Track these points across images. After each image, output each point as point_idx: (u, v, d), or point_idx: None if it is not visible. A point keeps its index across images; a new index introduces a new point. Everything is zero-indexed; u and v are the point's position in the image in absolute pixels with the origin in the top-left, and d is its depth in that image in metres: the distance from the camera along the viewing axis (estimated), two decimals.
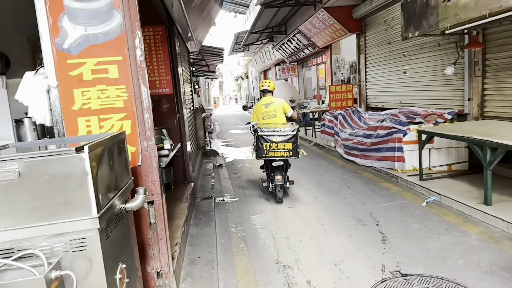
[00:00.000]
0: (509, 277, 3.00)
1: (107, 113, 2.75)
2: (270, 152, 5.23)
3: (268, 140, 5.19)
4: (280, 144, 5.18)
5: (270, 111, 5.75)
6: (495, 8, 3.82)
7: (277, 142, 5.18)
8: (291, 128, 5.25)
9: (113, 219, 2.12)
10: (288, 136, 5.17)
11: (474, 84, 5.84)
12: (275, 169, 5.45)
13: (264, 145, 5.20)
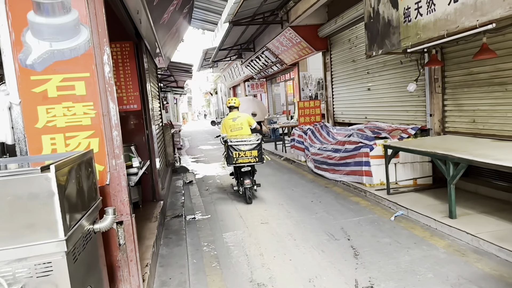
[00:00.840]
0: None
1: (74, 130, 2.66)
2: (240, 159, 6.07)
3: (237, 149, 6.04)
4: (248, 152, 6.06)
5: (237, 124, 6.58)
6: (452, 29, 4.06)
7: (245, 150, 6.05)
8: (256, 138, 6.15)
9: (81, 241, 2.02)
10: (254, 144, 6.08)
11: (435, 100, 6.12)
12: (244, 174, 6.22)
13: (234, 153, 6.03)
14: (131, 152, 4.62)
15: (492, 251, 3.69)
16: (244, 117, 6.68)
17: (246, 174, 6.21)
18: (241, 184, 6.27)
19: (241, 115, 6.70)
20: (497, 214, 4.48)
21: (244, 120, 6.61)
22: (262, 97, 19.41)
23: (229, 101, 6.89)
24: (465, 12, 3.83)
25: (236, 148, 6.03)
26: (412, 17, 4.68)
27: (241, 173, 6.26)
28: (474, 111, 5.40)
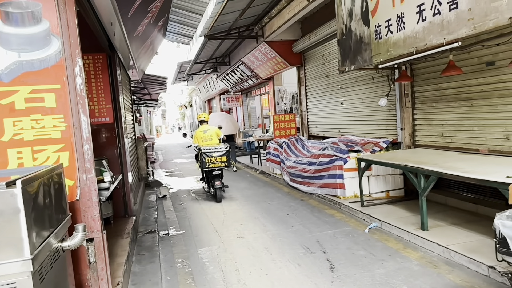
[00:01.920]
0: None
1: (42, 144, 2.56)
2: (211, 164, 7.18)
3: (209, 155, 7.17)
4: (218, 157, 7.20)
5: (207, 136, 7.77)
6: (421, 46, 4.22)
7: (215, 156, 7.20)
8: (224, 146, 7.40)
9: (48, 260, 1.92)
10: (223, 151, 7.25)
11: (405, 114, 6.32)
12: (215, 177, 7.34)
13: (206, 159, 7.16)
14: (102, 166, 4.49)
15: (463, 262, 3.78)
16: (213, 129, 7.90)
17: (216, 176, 7.33)
18: (212, 186, 7.38)
19: (211, 128, 7.93)
20: (466, 226, 4.62)
21: (213, 132, 7.82)
22: (238, 110, 19.46)
23: (199, 116, 8.27)
24: (432, 30, 3.99)
25: (208, 154, 7.16)
26: (383, 34, 4.84)
27: (212, 176, 7.37)
28: (443, 125, 5.60)
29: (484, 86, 4.84)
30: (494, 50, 4.60)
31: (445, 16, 3.80)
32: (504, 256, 2.62)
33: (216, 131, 7.88)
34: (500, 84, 4.63)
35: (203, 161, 7.16)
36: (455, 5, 3.66)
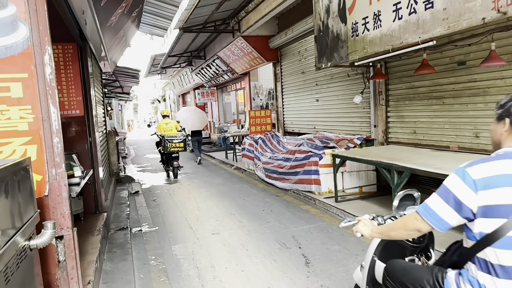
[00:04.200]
0: None
1: (8, 136, 2.41)
2: (171, 148, 9.36)
3: (170, 141, 9.37)
4: (177, 143, 9.41)
5: (169, 127, 9.96)
6: (397, 44, 4.28)
7: (175, 142, 9.40)
8: (182, 135, 9.67)
9: (14, 260, 1.81)
10: (181, 139, 9.48)
11: (379, 112, 6.43)
12: (174, 158, 9.48)
13: (168, 144, 9.34)
14: (72, 160, 4.30)
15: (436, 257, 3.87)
16: (173, 122, 10.25)
17: (175, 158, 9.48)
18: (171, 165, 9.55)
19: (171, 121, 10.29)
20: None
21: (173, 125, 10.09)
22: (213, 105, 19.29)
23: (162, 112, 10.75)
24: (408, 29, 4.06)
25: (170, 141, 9.35)
26: (359, 32, 4.89)
27: (171, 158, 9.49)
28: (415, 123, 5.74)
29: (455, 85, 4.99)
30: (466, 50, 4.74)
31: (421, 15, 3.87)
32: None
33: (175, 124, 10.19)
34: (471, 83, 4.78)
35: (166, 146, 9.32)
36: (431, 4, 3.73)
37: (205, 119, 12.63)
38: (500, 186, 1.46)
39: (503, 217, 1.44)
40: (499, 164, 1.51)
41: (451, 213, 1.53)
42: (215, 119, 18.64)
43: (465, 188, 1.50)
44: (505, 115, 1.62)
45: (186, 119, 11.97)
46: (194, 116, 12.32)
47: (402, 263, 1.95)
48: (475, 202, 1.47)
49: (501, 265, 1.46)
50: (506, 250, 1.44)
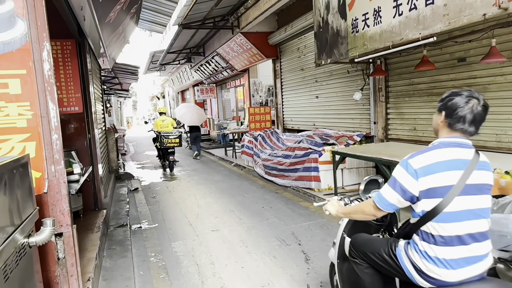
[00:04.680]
0: None
1: (7, 133, 2.39)
2: (168, 144, 9.97)
3: (167, 137, 9.98)
4: (173, 139, 10.01)
5: (165, 124, 10.56)
6: (397, 41, 4.26)
7: (171, 138, 10.00)
8: (177, 131, 10.29)
9: (13, 257, 1.80)
10: (176, 135, 10.08)
11: (378, 108, 6.42)
12: (169, 153, 10.04)
13: (164, 140, 9.95)
14: (71, 157, 4.29)
15: None
16: (169, 120, 10.85)
17: (171, 153, 10.06)
18: (167, 160, 10.07)
19: (167, 119, 10.86)
20: None
21: (169, 122, 10.73)
22: (212, 102, 19.25)
23: (159, 109, 11.58)
24: (409, 25, 4.04)
25: (166, 137, 9.97)
26: (359, 28, 4.86)
27: (168, 153, 10.06)
28: (415, 120, 5.73)
29: (455, 81, 4.98)
30: (466, 46, 4.73)
31: (421, 11, 3.85)
32: None
33: (171, 121, 10.82)
34: (471, 80, 4.76)
35: (162, 141, 9.96)
36: (431, 0, 3.71)
37: (203, 116, 12.86)
38: (436, 172, 1.77)
39: (439, 197, 1.76)
40: (435, 153, 1.81)
41: (398, 198, 1.84)
42: (215, 116, 18.61)
43: (408, 177, 1.80)
44: (442, 108, 1.90)
45: (184, 114, 12.36)
46: (193, 112, 12.55)
47: (365, 236, 2.27)
48: (417, 187, 1.79)
49: (440, 235, 1.78)
50: (442, 223, 1.77)
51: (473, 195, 1.79)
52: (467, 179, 1.77)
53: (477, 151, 1.86)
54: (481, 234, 1.80)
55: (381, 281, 2.15)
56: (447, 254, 1.77)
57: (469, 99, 1.82)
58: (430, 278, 1.81)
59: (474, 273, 1.79)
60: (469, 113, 1.80)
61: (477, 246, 1.79)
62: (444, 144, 1.86)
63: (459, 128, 1.84)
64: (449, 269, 1.77)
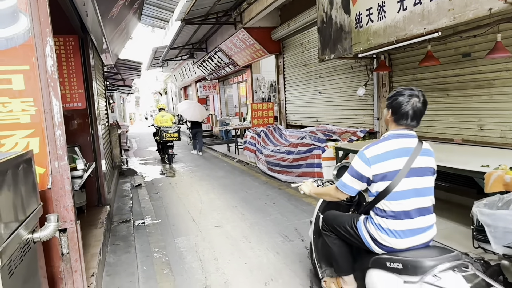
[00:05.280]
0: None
1: (10, 129, 2.39)
2: (167, 138, 10.55)
3: (166, 132, 10.54)
4: (172, 133, 10.58)
5: (164, 120, 11.30)
6: (401, 36, 4.23)
7: (170, 133, 10.57)
8: (176, 127, 10.94)
9: (17, 253, 1.80)
10: (175, 130, 10.68)
11: (382, 104, 6.39)
12: (169, 147, 10.77)
13: (164, 134, 10.50)
14: (75, 153, 4.30)
15: None
16: (168, 115, 11.60)
17: (170, 146, 10.78)
18: (166, 153, 10.89)
19: (166, 114, 11.63)
20: (439, 213, 4.69)
21: (168, 118, 11.43)
22: (215, 98, 19.22)
23: (159, 105, 12.34)
24: (413, 20, 4.01)
25: (165, 131, 10.54)
26: (363, 23, 4.83)
27: (167, 146, 10.78)
28: None
29: (460, 77, 4.94)
30: (471, 41, 4.69)
31: (426, 6, 3.81)
32: (480, 243, 2.68)
33: (170, 117, 11.59)
34: (475, 75, 4.73)
35: (162, 136, 10.54)
36: None
37: (204, 112, 13.03)
38: (386, 160, 2.15)
39: (389, 179, 2.14)
40: (384, 144, 2.20)
41: (357, 183, 2.25)
42: (217, 112, 18.59)
43: (363, 164, 2.18)
44: (389, 106, 2.26)
45: (187, 109, 12.55)
46: (195, 107, 12.77)
47: (334, 213, 2.69)
48: (370, 172, 2.17)
49: (391, 210, 2.16)
50: (392, 201, 2.15)
51: (417, 176, 2.17)
52: (412, 164, 2.14)
53: (420, 140, 2.23)
54: (425, 209, 2.20)
55: (346, 250, 2.58)
56: (396, 226, 2.14)
57: (410, 98, 2.15)
58: (383, 245, 2.20)
59: (419, 242, 2.17)
60: (410, 110, 2.15)
61: (422, 219, 2.18)
62: (392, 136, 2.23)
63: (403, 123, 2.20)
64: (397, 238, 2.14)
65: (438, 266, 1.91)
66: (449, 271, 1.94)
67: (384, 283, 2.12)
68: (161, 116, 11.34)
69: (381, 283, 2.14)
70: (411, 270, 2.00)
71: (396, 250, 2.17)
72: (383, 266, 2.15)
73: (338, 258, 2.62)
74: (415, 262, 1.99)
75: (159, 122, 11.17)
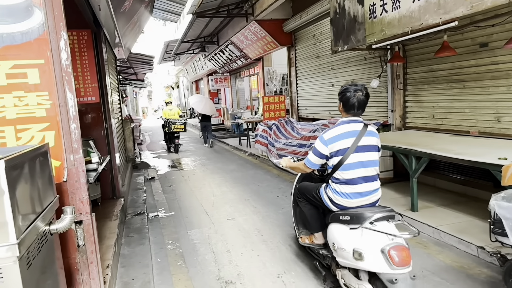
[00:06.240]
0: (439, 281, 3.19)
1: (26, 122, 2.43)
2: (174, 129, 11.86)
3: (174, 124, 11.83)
4: (179, 125, 11.89)
5: (172, 113, 12.29)
6: (416, 26, 4.14)
7: (177, 124, 11.86)
8: (183, 119, 12.19)
9: (35, 244, 1.84)
10: (182, 122, 11.96)
11: (396, 96, 6.29)
12: (175, 137, 12.01)
13: (172, 126, 11.82)
14: (89, 146, 4.35)
15: (452, 243, 3.82)
16: (175, 109, 12.74)
17: (177, 137, 12.01)
18: (173, 143, 12.07)
19: (174, 108, 12.79)
20: (455, 207, 4.67)
21: (176, 111, 12.48)
22: (226, 92, 19.22)
23: (166, 100, 13.86)
24: (429, 9, 3.91)
25: (173, 123, 11.84)
26: (377, 14, 4.74)
27: (174, 137, 12.01)
28: (434, 107, 5.60)
29: (477, 67, 4.83)
30: (489, 31, 4.56)
31: None
32: (498, 236, 2.64)
33: (178, 110, 12.66)
34: (493, 66, 4.61)
35: (170, 127, 11.85)
36: None
37: (213, 108, 13.78)
38: (338, 140, 2.77)
39: (341, 155, 2.77)
40: (337, 128, 2.82)
41: (318, 159, 2.90)
42: (228, 105, 18.59)
43: (322, 145, 2.82)
44: (340, 100, 2.89)
45: (198, 102, 13.39)
46: (206, 102, 13.41)
47: (306, 184, 3.39)
48: (327, 151, 2.81)
49: (343, 178, 2.79)
50: (344, 171, 2.78)
51: (363, 152, 2.77)
52: (358, 142, 2.74)
53: (365, 124, 2.83)
54: (370, 177, 2.81)
55: (315, 212, 3.25)
56: (347, 190, 2.79)
57: (355, 92, 2.78)
58: (338, 204, 2.85)
59: (365, 202, 2.81)
60: (356, 102, 2.78)
61: (367, 185, 2.80)
62: (343, 122, 2.85)
63: (351, 112, 2.83)
64: (348, 199, 2.80)
65: (374, 216, 2.54)
66: (383, 221, 2.55)
67: (337, 231, 2.78)
68: (169, 110, 12.36)
69: (336, 231, 2.81)
70: (355, 220, 2.63)
71: (347, 207, 2.81)
72: (337, 220, 2.81)
73: (309, 219, 3.29)
74: (358, 214, 2.64)
75: (167, 115, 12.19)
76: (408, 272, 2.40)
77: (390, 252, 2.35)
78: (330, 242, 2.88)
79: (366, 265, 2.48)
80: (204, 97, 14.70)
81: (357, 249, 2.52)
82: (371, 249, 2.45)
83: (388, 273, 2.38)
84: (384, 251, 2.37)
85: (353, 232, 2.60)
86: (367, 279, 2.60)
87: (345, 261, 2.68)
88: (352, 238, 2.60)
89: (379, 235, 2.46)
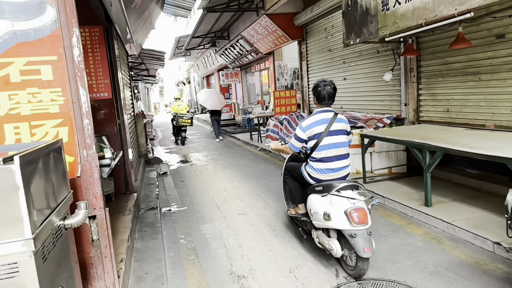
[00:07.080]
0: (453, 277, 3.15)
1: (40, 119, 2.45)
2: (182, 123, 12.95)
3: (181, 118, 12.92)
4: (186, 119, 12.98)
5: (180, 108, 13.30)
6: (431, 18, 4.06)
7: (185, 118, 12.95)
8: (190, 114, 13.26)
9: (50, 239, 1.86)
10: (189, 116, 13.05)
11: (410, 90, 6.19)
12: (182, 130, 13.05)
13: (179, 120, 12.91)
14: (102, 142, 4.39)
15: (467, 238, 3.77)
16: (183, 104, 13.76)
17: (184, 130, 13.06)
18: (180, 135, 13.11)
19: (182, 103, 13.79)
20: (470, 202, 4.60)
21: (184, 107, 13.49)
22: (237, 86, 19.21)
23: (175, 96, 15.50)
24: (443, 0, 3.83)
25: (181, 117, 12.93)
26: (390, 6, 4.66)
27: (181, 130, 13.06)
28: (448, 101, 5.50)
29: (493, 60, 4.71)
30: (505, 22, 4.45)
31: None
32: None
33: (185, 106, 13.71)
34: (510, 57, 4.50)
35: (178, 121, 12.93)
36: None
37: (223, 100, 14.21)
38: (314, 127, 3.43)
39: (316, 138, 3.41)
40: (313, 117, 3.48)
41: (298, 143, 3.55)
42: (239, 100, 18.58)
43: (301, 132, 3.48)
44: (313, 94, 3.60)
45: (206, 98, 13.68)
46: (214, 97, 13.69)
47: (291, 163, 4.04)
48: (305, 136, 3.47)
49: (319, 157, 3.43)
50: (319, 151, 3.41)
51: (334, 135, 3.41)
52: (330, 128, 3.39)
53: (335, 113, 3.49)
54: (340, 155, 3.45)
55: (298, 187, 3.86)
56: (322, 166, 3.44)
57: (325, 87, 3.47)
58: (314, 178, 3.50)
59: (337, 176, 3.45)
60: (326, 95, 3.48)
61: (338, 162, 3.44)
62: (318, 111, 3.52)
63: (323, 103, 3.52)
64: (322, 174, 3.45)
65: (340, 185, 3.24)
66: (348, 190, 3.23)
67: (313, 199, 3.45)
68: (177, 105, 13.47)
69: (312, 199, 3.47)
70: (325, 189, 3.32)
71: (322, 180, 3.44)
72: (313, 190, 3.49)
73: (294, 192, 3.91)
74: (328, 185, 3.32)
75: (176, 110, 13.34)
76: (365, 228, 3.06)
77: (351, 213, 3.05)
78: (308, 209, 3.57)
79: (333, 224, 3.16)
80: (212, 91, 15.03)
81: (326, 212, 3.22)
82: (337, 211, 3.15)
83: (350, 229, 3.05)
84: (346, 212, 3.07)
85: (324, 198, 3.31)
86: (335, 237, 3.30)
87: (319, 223, 3.38)
88: (323, 204, 3.30)
89: (343, 200, 3.16)
